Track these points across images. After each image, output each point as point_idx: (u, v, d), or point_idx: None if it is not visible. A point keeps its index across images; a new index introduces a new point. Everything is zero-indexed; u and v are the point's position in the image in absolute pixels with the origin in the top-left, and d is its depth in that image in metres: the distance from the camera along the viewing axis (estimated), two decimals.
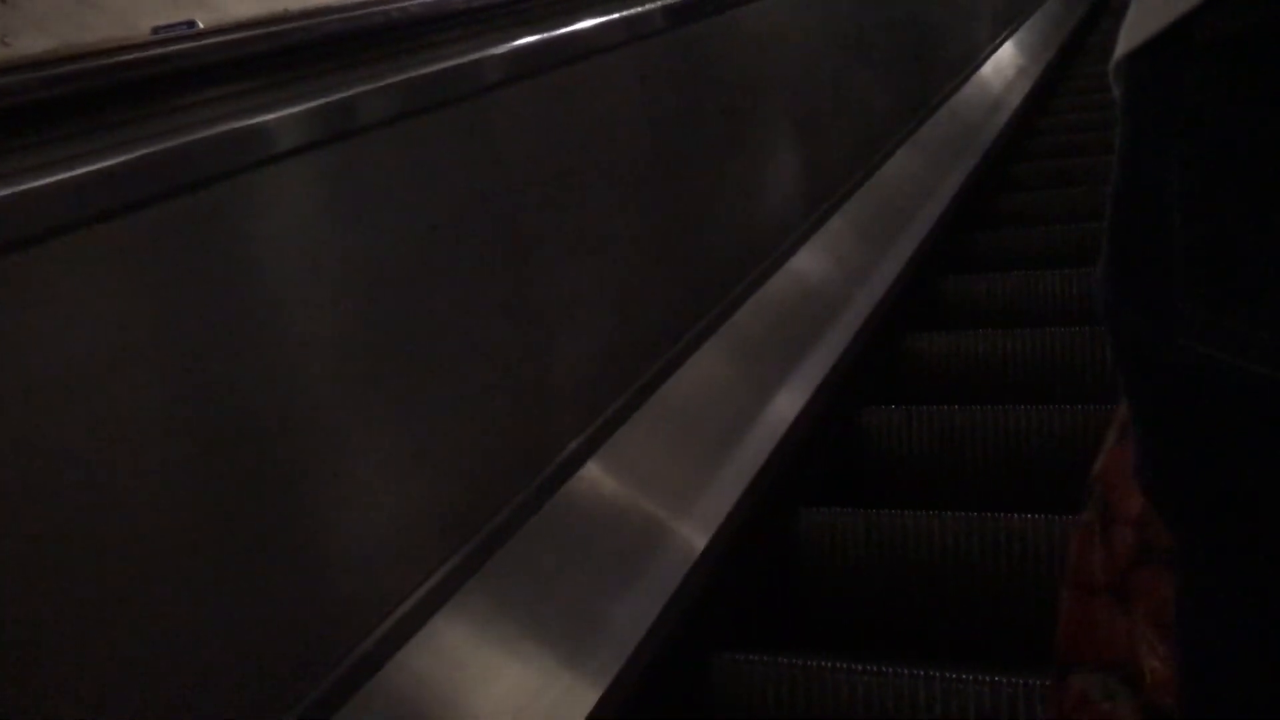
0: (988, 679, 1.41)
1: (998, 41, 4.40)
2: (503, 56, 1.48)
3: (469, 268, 1.39)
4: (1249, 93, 0.50)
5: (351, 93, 1.20)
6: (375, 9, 1.27)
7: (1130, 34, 0.56)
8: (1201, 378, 0.52)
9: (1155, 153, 0.54)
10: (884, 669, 1.46)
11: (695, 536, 1.58)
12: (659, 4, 1.87)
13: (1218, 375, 0.52)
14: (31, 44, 2.28)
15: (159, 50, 1.03)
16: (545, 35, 1.56)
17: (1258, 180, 0.50)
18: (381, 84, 1.24)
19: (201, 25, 1.00)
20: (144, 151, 0.98)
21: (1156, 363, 0.55)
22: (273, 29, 1.15)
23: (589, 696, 1.27)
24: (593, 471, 1.55)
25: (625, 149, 1.79)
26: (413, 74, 1.30)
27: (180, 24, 0.98)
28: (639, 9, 1.82)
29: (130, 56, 1.01)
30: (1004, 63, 4.31)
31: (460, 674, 1.24)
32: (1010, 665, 1.41)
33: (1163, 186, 0.53)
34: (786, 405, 1.95)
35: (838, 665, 1.48)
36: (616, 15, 1.76)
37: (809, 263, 2.38)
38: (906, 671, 1.45)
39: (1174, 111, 0.53)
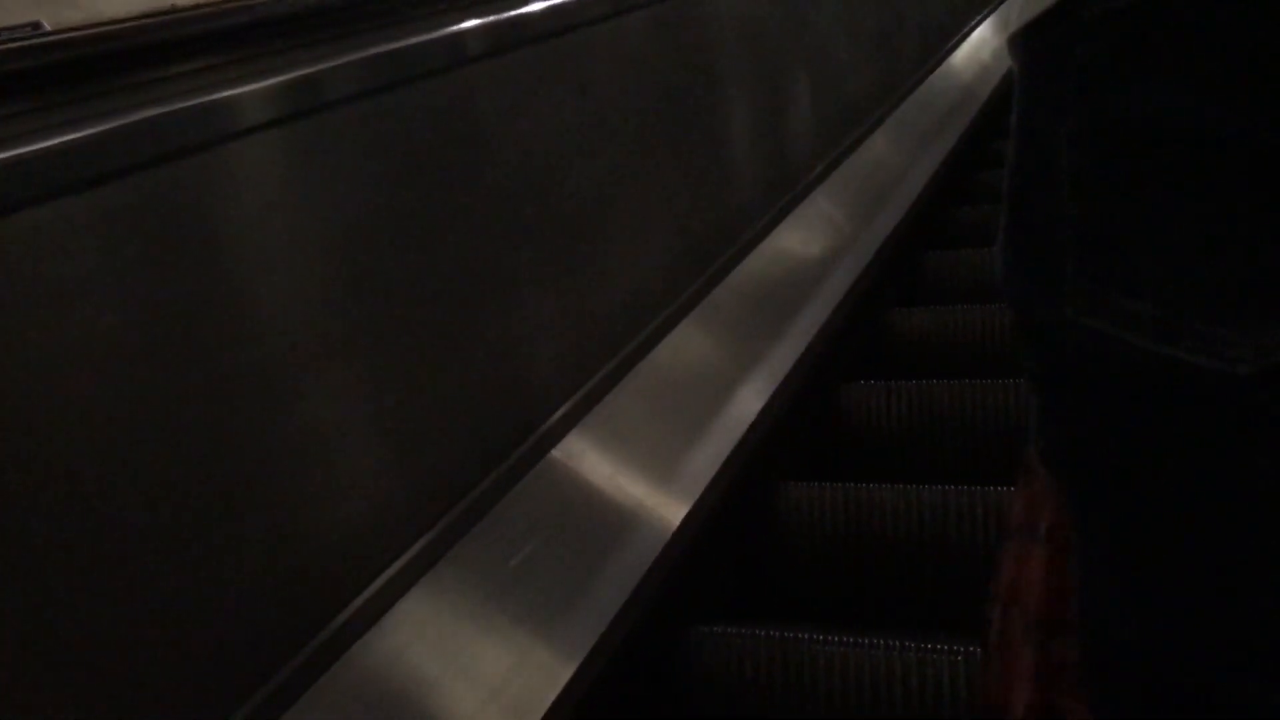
0: (962, 649, 1.42)
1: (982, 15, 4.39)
2: (477, 29, 1.46)
3: (447, 236, 1.38)
4: (1132, 69, 0.50)
5: (315, 69, 1.19)
6: None
7: (1026, 7, 0.57)
8: (1090, 350, 0.54)
9: (1047, 127, 0.55)
10: (861, 640, 1.47)
11: (674, 509, 1.59)
12: None
13: (1105, 348, 0.53)
14: None
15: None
16: (519, 10, 1.55)
17: (1139, 157, 0.51)
18: (345, 60, 1.23)
19: (49, 26, 0.98)
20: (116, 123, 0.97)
21: (1049, 334, 0.56)
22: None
23: (565, 669, 1.28)
24: (573, 443, 1.55)
25: (613, 120, 1.78)
26: (374, 50, 1.28)
27: (24, 25, 0.95)
28: None
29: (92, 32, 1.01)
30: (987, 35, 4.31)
31: (436, 648, 1.24)
32: None
33: (1054, 161, 0.54)
34: (767, 379, 1.95)
35: (815, 636, 1.49)
36: None
37: (792, 235, 2.38)
38: (883, 642, 1.46)
39: (1064, 87, 0.53)
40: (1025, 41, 0.57)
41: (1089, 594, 0.63)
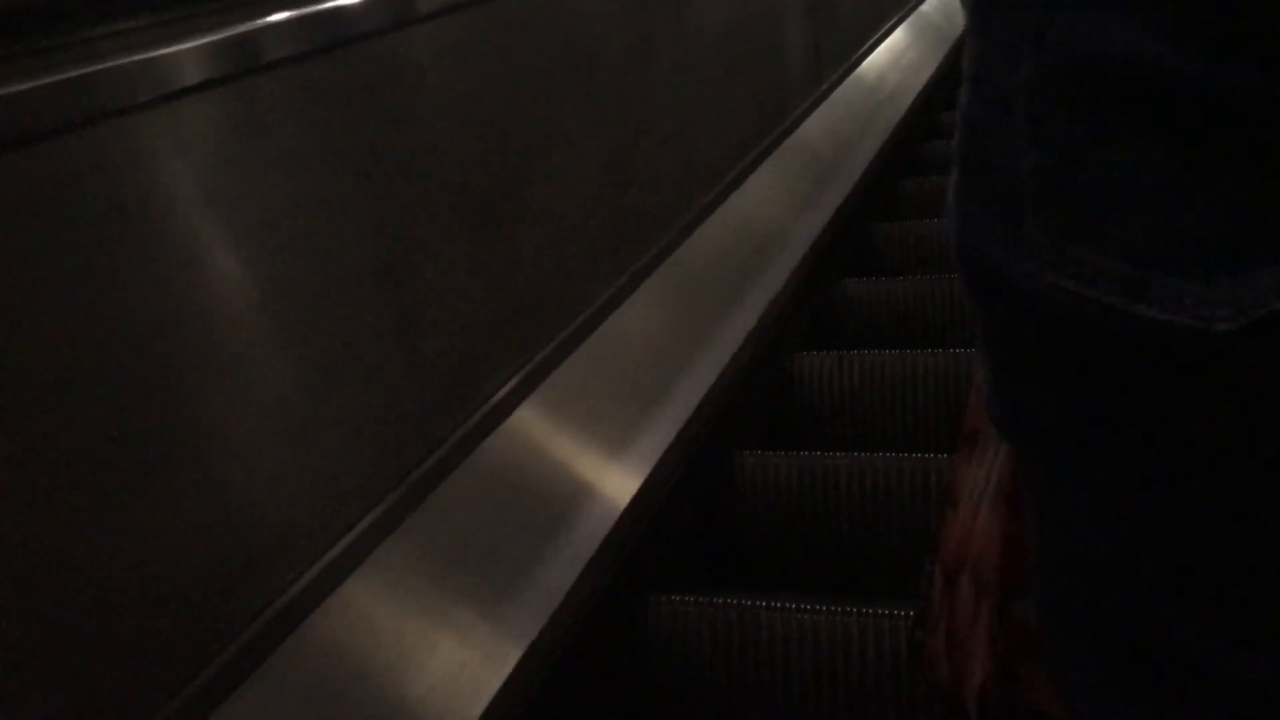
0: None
1: None
2: None
3: (390, 200, 1.35)
4: (1094, 9, 0.48)
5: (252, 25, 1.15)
6: None
7: None
8: (1053, 309, 0.51)
9: (1003, 75, 0.52)
10: (818, 606, 1.48)
11: (629, 480, 1.58)
12: None
13: (1070, 306, 0.51)
14: None
15: None
16: None
17: (1102, 103, 0.49)
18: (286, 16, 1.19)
19: None
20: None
21: (1007, 293, 0.54)
22: None
23: (520, 641, 1.26)
24: (526, 415, 1.53)
25: (566, 81, 1.75)
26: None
27: None
28: None
29: None
30: None
31: (384, 631, 1.21)
32: None
33: (1010, 109, 0.52)
34: (720, 350, 1.95)
35: (772, 604, 1.50)
36: None
37: (748, 202, 2.37)
38: (840, 608, 1.47)
39: (1020, 32, 0.51)
40: None
41: (1046, 557, 0.62)
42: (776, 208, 2.47)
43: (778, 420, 2.13)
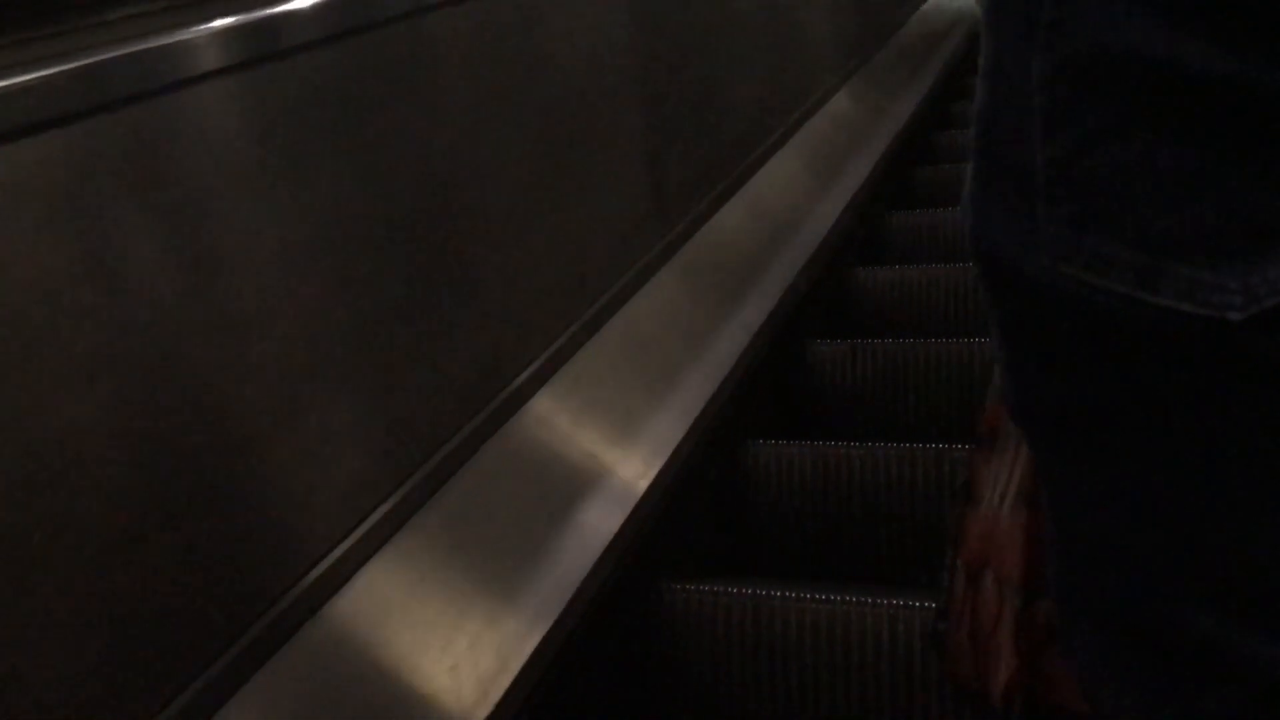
0: (933, 604, 1.42)
1: None
2: None
3: (413, 190, 1.35)
4: (1108, 5, 0.49)
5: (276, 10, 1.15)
6: None
7: None
8: (1068, 299, 0.52)
9: (1017, 69, 0.53)
10: (832, 596, 1.48)
11: (643, 468, 1.58)
12: None
13: (1083, 296, 0.51)
14: None
15: None
16: None
17: (1111, 95, 0.49)
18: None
19: None
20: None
21: (1022, 284, 0.55)
22: None
23: (535, 632, 1.26)
24: (542, 403, 1.53)
25: (587, 72, 1.75)
26: None
27: None
28: None
29: None
30: None
31: (400, 617, 1.21)
32: None
33: (1025, 104, 0.53)
34: (734, 338, 1.94)
35: (786, 593, 1.49)
36: None
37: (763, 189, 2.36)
38: (854, 598, 1.47)
39: (1035, 26, 0.52)
40: None
41: (1062, 545, 0.62)
42: None
43: None
